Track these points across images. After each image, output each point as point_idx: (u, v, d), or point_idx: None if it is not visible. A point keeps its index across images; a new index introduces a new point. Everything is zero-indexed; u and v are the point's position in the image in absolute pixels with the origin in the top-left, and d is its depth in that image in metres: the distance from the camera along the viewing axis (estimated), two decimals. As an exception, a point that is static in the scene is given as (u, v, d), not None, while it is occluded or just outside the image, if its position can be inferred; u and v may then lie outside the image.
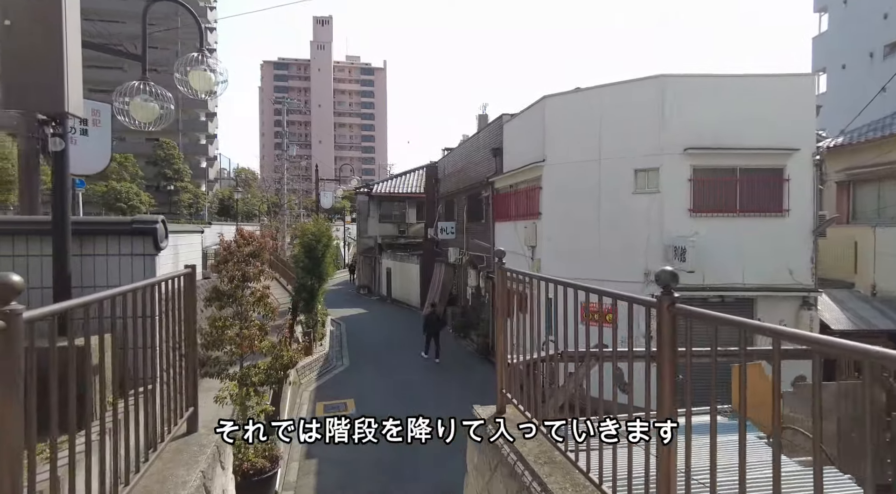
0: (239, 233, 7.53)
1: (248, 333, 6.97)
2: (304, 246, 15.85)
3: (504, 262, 4.38)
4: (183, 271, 3.66)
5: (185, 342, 3.79)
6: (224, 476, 3.79)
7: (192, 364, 3.82)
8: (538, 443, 3.60)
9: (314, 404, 12.31)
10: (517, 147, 14.65)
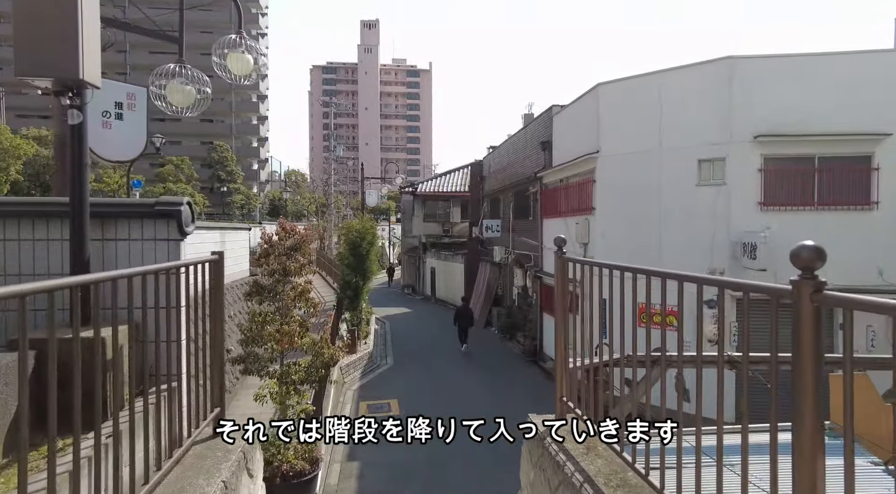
0: (280, 226, 7.30)
1: (289, 329, 6.70)
2: (349, 243, 15.71)
3: (565, 251, 3.84)
4: (209, 258, 3.33)
5: (212, 337, 3.47)
6: (252, 485, 3.44)
7: (218, 361, 3.49)
8: (607, 462, 3.05)
9: (357, 403, 12.05)
10: (568, 139, 13.94)
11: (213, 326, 3.47)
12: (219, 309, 3.46)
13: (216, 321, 3.47)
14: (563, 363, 3.82)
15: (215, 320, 3.46)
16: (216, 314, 3.46)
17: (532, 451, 3.77)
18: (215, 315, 3.46)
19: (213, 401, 3.50)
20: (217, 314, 3.46)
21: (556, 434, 3.49)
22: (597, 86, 12.23)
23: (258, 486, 3.67)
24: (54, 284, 1.73)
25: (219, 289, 3.43)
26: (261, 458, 3.74)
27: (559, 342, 3.83)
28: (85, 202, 3.00)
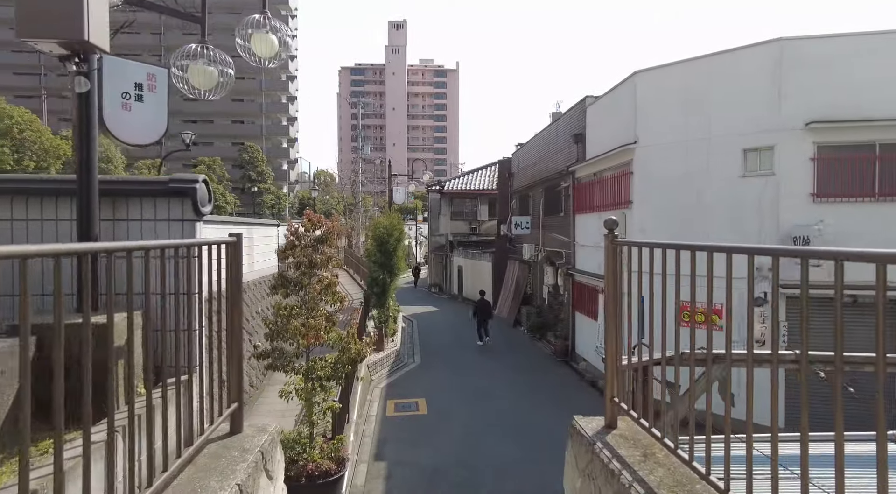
0: (307, 217, 7.07)
1: (315, 323, 6.46)
2: (376, 239, 15.51)
3: (616, 234, 3.46)
4: (227, 239, 3.07)
5: (230, 325, 3.21)
6: (271, 488, 3.16)
7: (237, 352, 3.23)
8: (669, 471, 2.66)
9: (385, 401, 11.81)
10: (603, 131, 13.41)
11: (232, 313, 3.22)
12: (237, 295, 3.20)
13: (234, 309, 3.21)
14: (614, 360, 3.43)
15: (234, 307, 3.21)
16: (235, 301, 3.20)
17: (579, 457, 3.39)
18: (234, 302, 3.20)
19: (231, 396, 3.23)
20: (236, 300, 3.20)
21: (607, 439, 3.11)
22: (634, 74, 11.69)
23: (278, 489, 3.39)
24: (59, 247, 1.48)
25: (237, 274, 3.17)
26: (281, 458, 3.46)
27: (610, 337, 3.44)
28: (93, 178, 2.78)
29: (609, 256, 3.43)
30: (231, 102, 69.42)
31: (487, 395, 12.33)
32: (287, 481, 6.67)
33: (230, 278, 3.17)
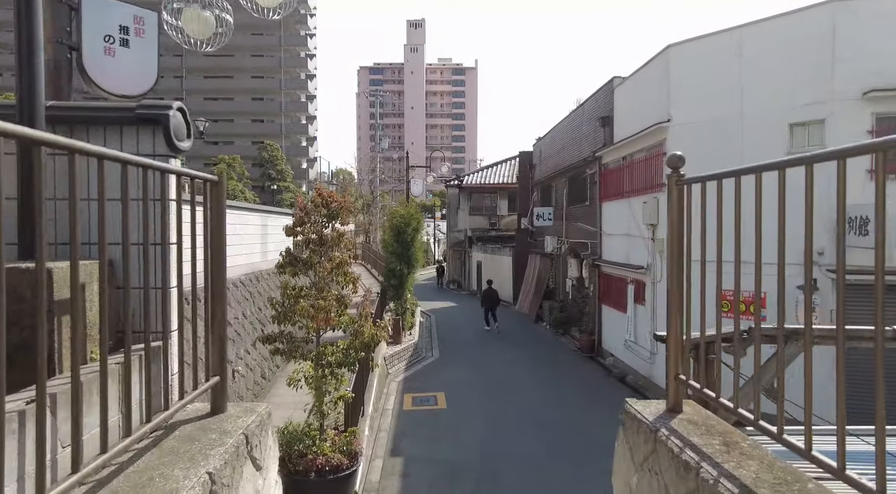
0: (317, 192, 6.55)
1: (324, 304, 5.93)
2: (394, 229, 15.00)
3: (683, 174, 2.85)
4: (205, 176, 2.54)
5: (211, 284, 2.67)
6: (261, 480, 2.61)
7: (219, 317, 2.69)
8: (764, 465, 2.04)
9: (402, 395, 11.27)
10: (632, 112, 12.67)
11: (213, 271, 2.68)
12: (220, 248, 2.65)
13: (217, 264, 2.67)
14: (676, 330, 2.79)
15: (215, 263, 2.67)
16: (217, 255, 2.66)
17: (635, 448, 2.75)
18: (216, 256, 2.66)
19: (213, 368, 2.70)
20: (218, 254, 2.66)
21: (673, 424, 2.49)
22: (667, 48, 10.94)
23: (270, 481, 2.84)
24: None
25: (220, 220, 2.63)
26: (274, 445, 2.90)
27: (673, 304, 2.80)
28: (37, 100, 2.27)
29: (673, 201, 2.80)
30: (251, 101, 69.83)
31: (510, 390, 11.70)
32: (295, 475, 6.16)
33: (212, 224, 2.63)
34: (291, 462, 6.20)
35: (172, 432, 2.39)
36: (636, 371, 12.34)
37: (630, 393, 11.77)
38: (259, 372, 10.69)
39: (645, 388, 11.62)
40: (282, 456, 6.31)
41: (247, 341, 10.43)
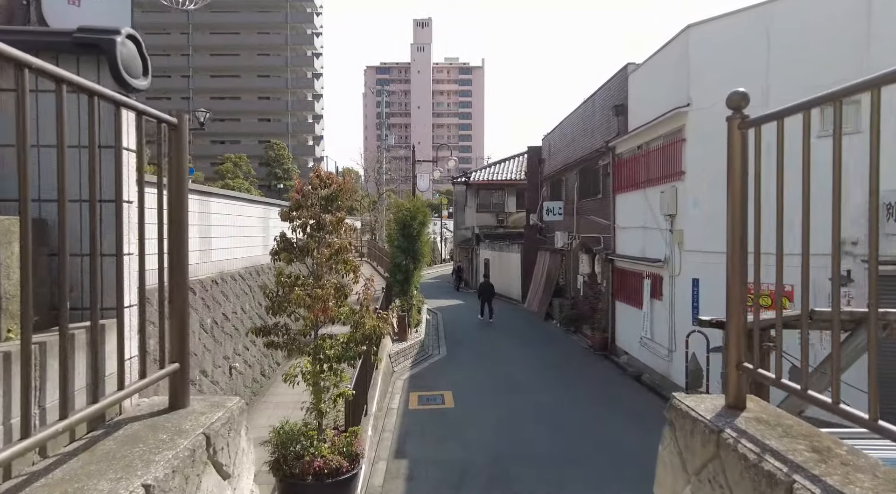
0: (315, 173, 6.08)
1: (322, 293, 5.45)
2: (399, 222, 14.54)
3: (747, 114, 2.36)
4: (165, 117, 2.06)
5: (172, 251, 2.20)
6: (227, 490, 2.13)
7: (180, 292, 2.21)
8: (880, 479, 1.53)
9: (407, 393, 10.79)
10: (648, 99, 12.11)
11: (173, 234, 2.19)
12: (180, 206, 2.17)
13: (176, 226, 2.19)
14: (739, 308, 2.28)
15: (175, 225, 2.19)
16: (177, 215, 2.17)
17: (687, 453, 2.23)
18: (175, 216, 2.18)
19: (171, 354, 2.22)
20: (178, 214, 2.17)
21: (739, 424, 1.99)
22: (686, 28, 10.38)
23: (244, 491, 2.35)
24: None
25: (180, 176, 2.15)
26: (249, 447, 2.42)
27: (734, 277, 2.27)
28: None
29: (735, 149, 2.30)
30: (258, 100, 69.76)
31: (521, 389, 11.19)
32: (291, 479, 5.68)
33: (172, 178, 2.15)
34: (287, 464, 5.73)
35: (115, 431, 1.91)
36: (652, 370, 11.78)
37: (646, 393, 11.22)
38: (258, 369, 10.25)
39: (662, 387, 11.06)
40: (277, 459, 5.84)
41: (244, 338, 10.00)
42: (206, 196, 9.43)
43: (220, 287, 9.58)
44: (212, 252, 9.57)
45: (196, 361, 7.83)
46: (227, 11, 66.88)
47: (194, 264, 8.85)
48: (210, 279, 9.26)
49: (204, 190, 9.43)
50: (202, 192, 9.33)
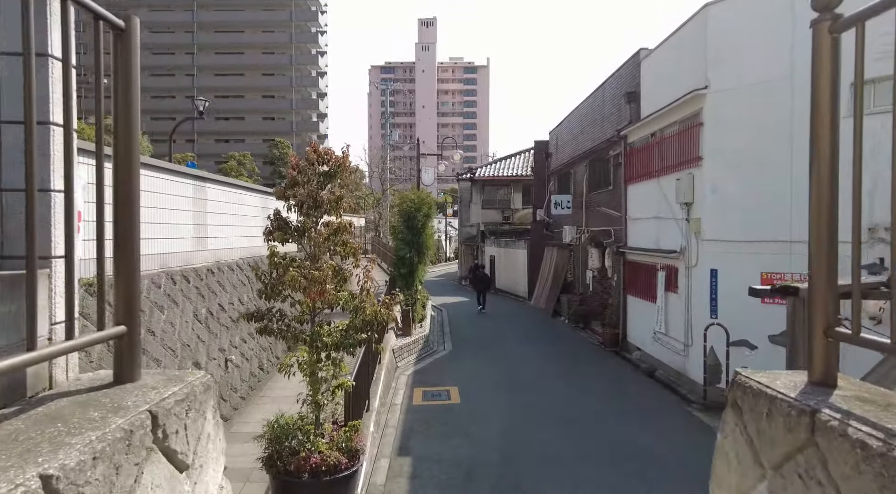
0: (312, 148, 5.65)
1: (319, 275, 5.03)
2: (403, 214, 14.12)
3: (840, 13, 1.84)
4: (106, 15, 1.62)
5: (116, 186, 1.77)
6: (184, 484, 1.70)
7: (128, 242, 1.78)
8: None
9: (411, 389, 10.36)
10: (662, 84, 11.64)
11: (120, 168, 1.77)
12: (128, 135, 1.74)
13: (125, 160, 1.76)
14: (827, 262, 1.79)
15: (123, 155, 1.76)
16: (124, 144, 1.75)
17: (763, 441, 1.77)
18: (123, 145, 1.75)
19: (117, 315, 1.80)
20: (126, 143, 1.74)
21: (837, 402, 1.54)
22: (704, 7, 9.90)
23: (209, 486, 1.92)
24: None
25: (129, 94, 1.72)
26: (217, 432, 1.99)
27: (822, 226, 1.78)
28: None
29: (823, 58, 1.82)
30: (262, 98, 69.55)
31: (529, 386, 10.73)
32: (285, 476, 5.26)
33: (119, 97, 1.72)
34: (282, 460, 5.31)
35: (32, 409, 1.48)
36: (667, 366, 11.30)
37: (660, 389, 10.75)
38: (256, 363, 9.84)
39: (677, 383, 10.59)
40: (270, 455, 5.42)
41: (243, 329, 9.59)
42: (201, 181, 9.03)
43: (216, 277, 9.18)
44: (207, 240, 9.18)
45: (189, 352, 7.43)
46: (232, 10, 66.76)
47: (188, 251, 8.46)
48: (205, 268, 8.86)
49: (199, 175, 9.04)
50: (197, 176, 8.93)
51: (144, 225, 6.16)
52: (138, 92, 1.73)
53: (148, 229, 7.17)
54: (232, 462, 6.88)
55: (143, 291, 6.81)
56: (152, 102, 65.26)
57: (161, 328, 6.90)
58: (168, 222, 7.72)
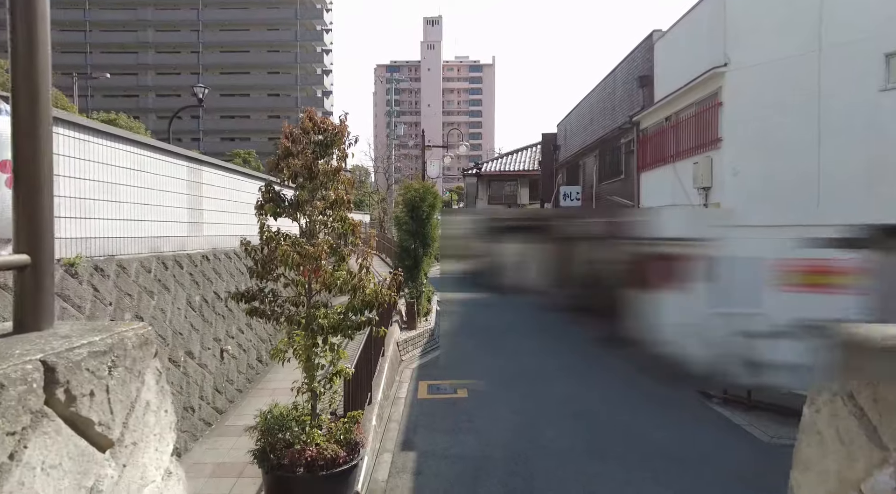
0: (307, 115, 5.23)
1: (313, 250, 4.61)
2: (407, 204, 13.69)
3: None
4: None
5: (16, 83, 1.36)
6: (105, 467, 1.27)
7: (31, 144, 1.35)
8: None
9: (416, 382, 9.93)
10: (677, 64, 11.16)
11: (18, 50, 1.36)
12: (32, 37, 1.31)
13: (25, 38, 1.34)
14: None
15: (22, 30, 1.34)
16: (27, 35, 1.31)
17: (887, 417, 1.31)
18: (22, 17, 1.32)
19: (18, 243, 1.39)
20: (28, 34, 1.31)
21: None
22: (723, -19, 9.42)
23: (147, 467, 1.49)
24: None
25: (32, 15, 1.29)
26: (162, 405, 1.56)
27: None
28: None
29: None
30: (267, 96, 69.39)
31: (539, 379, 10.28)
32: (278, 470, 4.83)
33: None
34: (275, 453, 4.89)
35: None
36: (684, 359, 10.80)
37: (677, 384, 10.26)
38: (254, 355, 9.45)
39: (695, 378, 10.08)
40: (263, 448, 5.00)
41: (241, 319, 9.20)
42: (196, 164, 8.64)
43: (211, 264, 8.79)
44: (203, 226, 8.79)
45: (181, 340, 7.04)
46: (237, 8, 66.66)
47: (182, 236, 8.08)
48: (200, 254, 8.47)
49: (194, 157, 8.65)
50: (192, 158, 8.54)
51: (131, 205, 5.68)
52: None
53: (136, 210, 6.78)
54: (224, 457, 6.48)
55: (132, 275, 6.43)
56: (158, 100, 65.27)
57: (150, 315, 6.51)
58: (159, 204, 7.33)
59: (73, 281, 5.31)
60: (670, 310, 11.28)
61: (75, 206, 5.63)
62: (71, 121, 5.61)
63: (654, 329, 12.33)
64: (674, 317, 11.12)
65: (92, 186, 5.94)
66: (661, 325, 11.78)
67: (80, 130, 5.77)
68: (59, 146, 5.36)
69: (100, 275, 5.75)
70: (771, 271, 7.95)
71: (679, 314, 10.94)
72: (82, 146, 5.80)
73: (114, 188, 6.31)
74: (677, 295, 10.98)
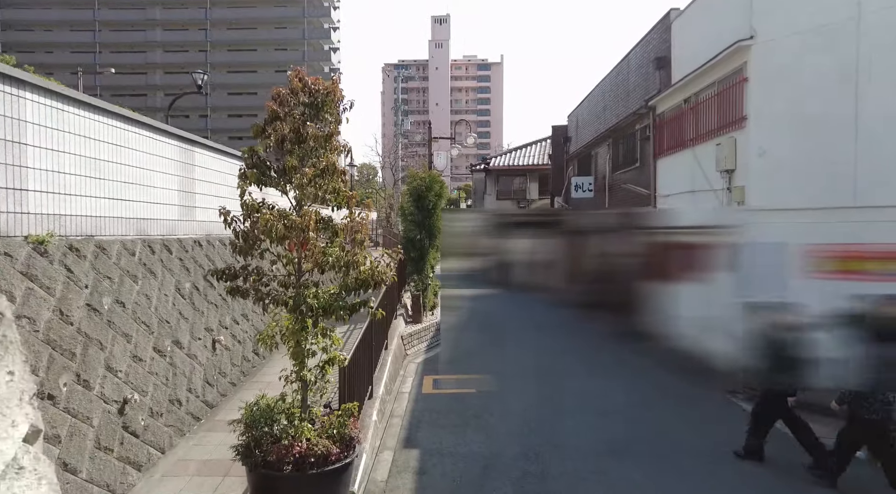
0: (295, 74, 4.72)
1: (301, 221, 4.10)
2: (413, 193, 13.18)
3: None
4: None
5: None
6: None
7: None
8: None
9: (421, 377, 9.42)
10: (697, 42, 10.55)
11: None
12: None
13: None
14: None
15: None
16: None
17: None
18: None
19: None
20: None
21: None
22: (749, -52, 8.81)
23: None
24: None
25: None
26: (16, 367, 1.01)
27: None
28: None
29: None
30: (275, 90, 69.22)
31: (550, 373, 9.75)
32: (263, 468, 4.33)
33: None
34: (260, 449, 4.39)
35: None
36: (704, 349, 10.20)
37: (697, 380, 9.67)
38: (250, 346, 8.97)
39: (717, 374, 9.49)
40: (247, 443, 4.51)
41: (235, 309, 8.73)
42: (188, 144, 8.18)
43: (204, 250, 8.33)
44: (196, 210, 8.33)
45: (167, 329, 6.57)
46: (245, 6, 66.61)
47: (172, 219, 7.62)
48: (192, 240, 8.01)
49: (186, 137, 8.18)
50: (184, 138, 8.08)
51: (112, 182, 5.08)
52: None
53: (120, 189, 6.32)
54: (212, 454, 5.97)
55: (113, 257, 5.98)
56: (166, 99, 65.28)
57: (133, 300, 6.04)
58: (145, 184, 6.87)
59: (43, 260, 4.85)
60: (691, 303, 10.68)
61: (48, 179, 5.18)
62: (42, 86, 5.15)
63: (675, 323, 11.71)
64: (695, 310, 10.52)
65: (70, 159, 5.49)
66: (682, 318, 11.17)
67: (56, 98, 5.32)
68: (27, 112, 4.90)
69: (74, 255, 5.29)
70: (801, 257, 7.31)
71: (701, 307, 10.33)
72: (59, 116, 5.35)
73: (95, 164, 5.86)
74: (698, 286, 10.38)
